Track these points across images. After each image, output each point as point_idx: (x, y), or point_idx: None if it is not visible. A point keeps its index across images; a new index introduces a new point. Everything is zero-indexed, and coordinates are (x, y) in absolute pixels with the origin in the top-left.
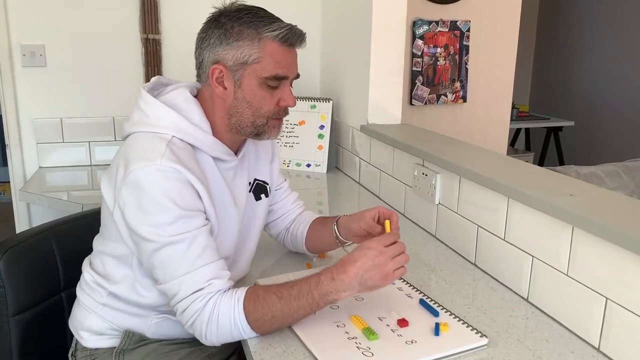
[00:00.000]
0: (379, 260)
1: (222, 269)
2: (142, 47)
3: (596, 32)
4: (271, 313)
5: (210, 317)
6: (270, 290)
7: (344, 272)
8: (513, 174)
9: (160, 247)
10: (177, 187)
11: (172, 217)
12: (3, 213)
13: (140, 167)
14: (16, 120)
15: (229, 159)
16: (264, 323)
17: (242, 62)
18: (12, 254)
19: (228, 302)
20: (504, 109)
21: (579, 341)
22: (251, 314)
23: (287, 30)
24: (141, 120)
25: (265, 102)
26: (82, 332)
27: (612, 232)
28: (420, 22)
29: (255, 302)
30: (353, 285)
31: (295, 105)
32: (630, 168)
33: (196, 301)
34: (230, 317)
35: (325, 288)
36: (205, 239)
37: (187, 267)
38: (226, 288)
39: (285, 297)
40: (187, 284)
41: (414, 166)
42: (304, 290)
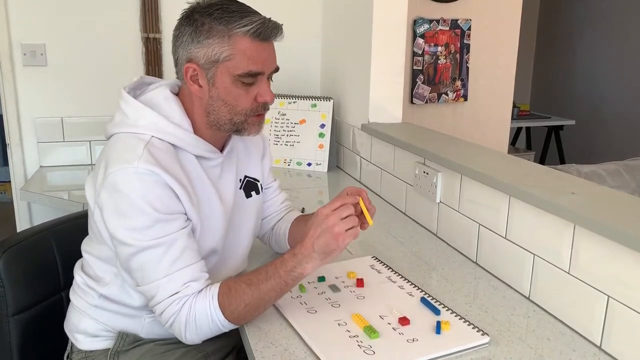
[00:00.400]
0: (326, 224)
1: (200, 271)
2: (142, 46)
3: (597, 30)
4: (243, 302)
5: (187, 319)
6: (240, 280)
7: (301, 245)
8: (514, 173)
9: (137, 252)
10: (155, 190)
11: (149, 221)
12: (4, 212)
13: (117, 169)
14: (17, 120)
15: (212, 156)
16: (239, 313)
17: (214, 60)
18: (12, 253)
19: (203, 302)
20: (504, 107)
21: (580, 339)
22: (226, 308)
23: (258, 24)
24: (122, 121)
25: (240, 99)
26: (77, 334)
27: (614, 230)
28: (421, 20)
29: (229, 296)
30: (312, 256)
31: (273, 101)
32: (631, 167)
33: (173, 304)
34: (207, 315)
35: (289, 264)
36: (184, 241)
37: (164, 271)
38: (202, 288)
39: (254, 283)
40: (164, 288)
41: (415, 165)
42: (270, 271)
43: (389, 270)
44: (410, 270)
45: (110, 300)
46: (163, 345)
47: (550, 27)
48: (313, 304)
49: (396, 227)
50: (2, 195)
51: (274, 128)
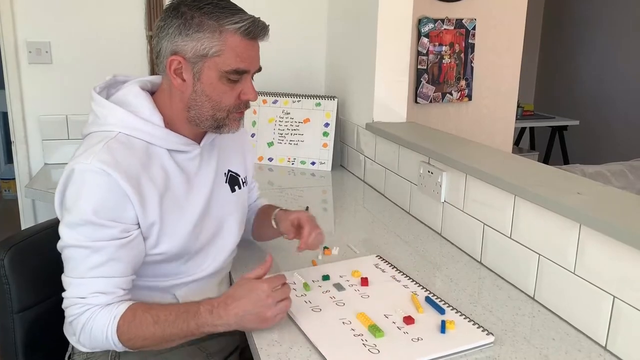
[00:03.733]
0: (262, 304)
1: (115, 287)
2: (147, 45)
3: (601, 31)
4: (144, 335)
5: (84, 326)
6: (149, 312)
7: (225, 307)
8: (519, 172)
9: (65, 246)
10: (101, 192)
11: (82, 220)
12: (8, 209)
13: (74, 162)
14: (22, 117)
15: (187, 149)
16: (136, 343)
17: (202, 55)
18: (17, 250)
19: (104, 318)
20: (509, 107)
21: (586, 340)
22: (124, 334)
23: (249, 23)
24: (93, 121)
25: (225, 96)
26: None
27: (620, 230)
28: (425, 20)
29: (130, 324)
30: (230, 323)
31: (256, 99)
32: (636, 167)
33: (76, 306)
34: (103, 332)
35: (202, 319)
36: (111, 252)
37: (79, 273)
38: (108, 303)
39: (162, 322)
40: (74, 288)
41: (420, 164)
42: (182, 318)
43: (394, 270)
44: (415, 269)
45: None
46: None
47: (554, 27)
48: (318, 302)
49: (401, 226)
50: (7, 193)
51: (278, 127)
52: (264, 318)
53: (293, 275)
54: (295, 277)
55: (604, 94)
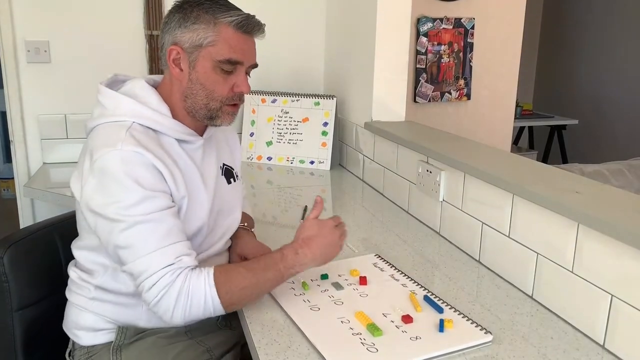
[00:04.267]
0: (333, 237)
1: (189, 248)
2: (146, 44)
3: (600, 30)
4: (241, 284)
5: (180, 291)
6: (238, 265)
7: (308, 246)
8: (518, 171)
9: (127, 227)
10: (139, 169)
11: (137, 198)
12: (7, 209)
13: (103, 154)
14: (20, 116)
15: (192, 139)
16: (234, 295)
17: (198, 45)
18: (16, 249)
19: (198, 277)
20: (508, 106)
21: (584, 338)
22: (222, 285)
23: (243, 17)
24: (101, 113)
25: (218, 85)
26: (77, 331)
27: (618, 229)
28: (424, 19)
29: (226, 275)
30: (315, 258)
31: (249, 92)
32: (634, 166)
33: (166, 276)
34: (202, 289)
35: (289, 261)
36: (172, 220)
37: (155, 245)
38: (194, 265)
39: (253, 269)
40: (157, 260)
41: (419, 163)
42: (270, 263)
43: (392, 269)
44: (413, 268)
45: (106, 291)
46: (166, 338)
47: (553, 26)
48: (316, 301)
49: (399, 225)
50: (6, 192)
51: (276, 126)
52: (341, 246)
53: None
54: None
55: (602, 93)
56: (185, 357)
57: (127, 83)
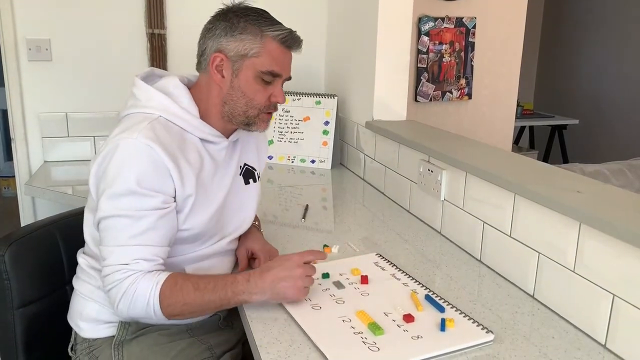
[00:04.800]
0: (294, 274)
1: (155, 255)
2: (147, 42)
3: (601, 29)
4: (184, 300)
5: (126, 291)
6: (189, 279)
7: (260, 276)
8: (519, 171)
9: (107, 216)
10: (144, 164)
11: (126, 191)
12: (8, 207)
13: (119, 138)
14: (21, 115)
15: (217, 140)
16: (175, 309)
17: (243, 54)
18: (18, 246)
19: (147, 283)
20: (509, 106)
21: (585, 338)
22: (166, 298)
23: (287, 33)
24: (133, 104)
25: (258, 94)
26: (81, 322)
27: (619, 228)
28: (426, 18)
29: (172, 289)
30: (265, 291)
31: (284, 102)
32: (635, 166)
33: (119, 272)
34: (146, 296)
35: (239, 287)
36: (152, 222)
37: (122, 241)
38: (150, 270)
39: (201, 289)
40: (116, 255)
41: (420, 162)
42: (220, 285)
43: (393, 268)
44: (415, 267)
45: None
46: (167, 335)
47: (554, 26)
48: (317, 300)
49: (400, 224)
50: (7, 190)
51: (278, 125)
52: (298, 287)
53: None
54: None
55: (603, 93)
56: (187, 355)
57: (162, 79)
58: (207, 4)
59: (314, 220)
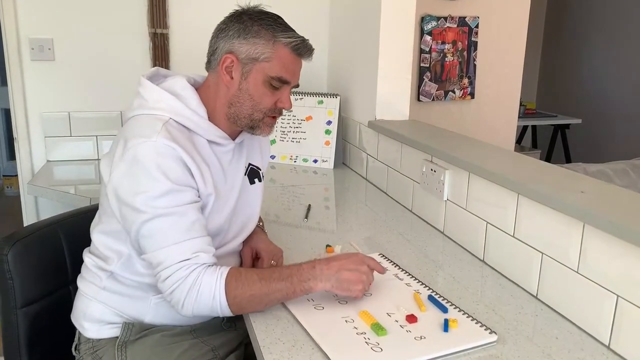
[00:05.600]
0: (360, 269)
1: (208, 245)
2: (150, 42)
3: (604, 29)
4: (250, 291)
5: (192, 286)
6: (252, 270)
7: (326, 264)
8: (523, 171)
9: (150, 218)
10: (170, 162)
11: (163, 190)
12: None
13: (137, 143)
14: (24, 114)
15: (224, 142)
16: (242, 300)
17: (254, 58)
18: (21, 246)
19: (211, 276)
20: (511, 106)
21: (589, 339)
22: (232, 290)
23: (300, 40)
24: (140, 105)
25: (265, 98)
26: (85, 322)
27: (623, 229)
28: (428, 18)
29: (237, 280)
30: (330, 278)
31: (291, 108)
32: (638, 166)
33: (181, 270)
34: (212, 289)
35: (304, 274)
36: (194, 215)
37: (175, 238)
38: (211, 263)
39: (266, 278)
40: (174, 253)
41: (423, 162)
42: (285, 273)
43: (396, 268)
44: (417, 268)
45: (118, 281)
46: (171, 336)
47: (557, 25)
48: (320, 300)
49: (403, 224)
50: (9, 190)
51: (280, 125)
52: (360, 280)
53: None
54: None
55: (606, 92)
56: (190, 356)
57: (168, 79)
58: (210, 3)
59: (317, 220)
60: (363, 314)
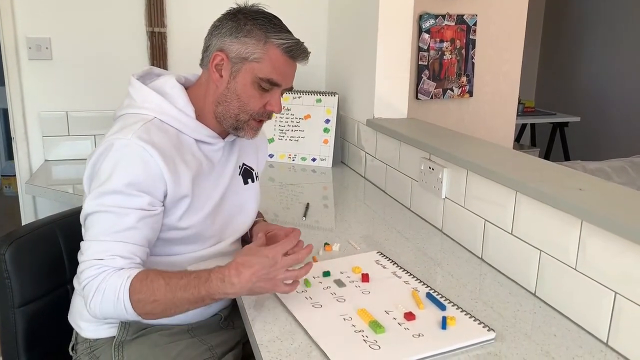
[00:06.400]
0: (273, 270)
1: (132, 254)
2: (147, 41)
3: (602, 27)
4: (154, 296)
5: (97, 287)
6: (162, 275)
7: (237, 274)
8: (521, 168)
9: (90, 213)
10: (136, 164)
11: (114, 190)
12: (9, 206)
13: (113, 138)
14: (22, 114)
15: (213, 141)
16: (146, 305)
17: (244, 57)
18: (18, 245)
19: (118, 278)
20: (510, 104)
21: (587, 336)
22: (135, 293)
23: (293, 42)
24: (129, 104)
25: (252, 100)
26: (82, 322)
27: (621, 226)
28: (426, 16)
29: (142, 283)
30: (241, 290)
31: (280, 112)
32: (637, 164)
33: (92, 268)
34: (116, 291)
35: (213, 288)
36: (134, 221)
37: (101, 236)
38: (125, 267)
39: (172, 285)
40: (93, 250)
41: (421, 160)
42: (192, 283)
43: (394, 266)
44: (416, 265)
45: None
46: (168, 335)
47: (555, 23)
48: (318, 298)
49: (401, 222)
50: (8, 189)
51: (278, 123)
52: (275, 281)
53: None
54: None
55: (604, 90)
56: (187, 355)
57: (159, 78)
58: (208, 2)
59: (315, 219)
60: (361, 312)
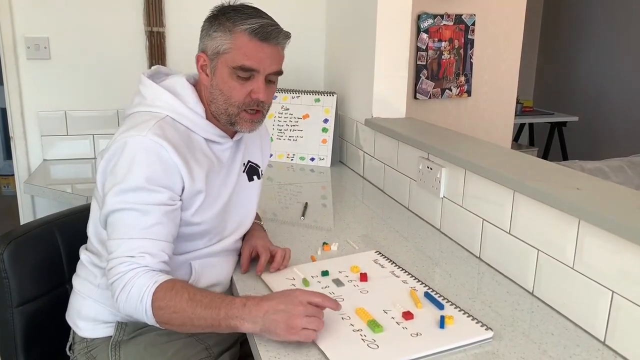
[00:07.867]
0: (292, 310)
1: (162, 250)
2: (146, 40)
3: (601, 27)
4: (175, 308)
5: (125, 284)
6: (188, 289)
7: (257, 304)
8: (519, 168)
9: (115, 210)
10: (153, 160)
11: (134, 186)
12: (8, 206)
13: (127, 135)
14: (20, 113)
15: (222, 141)
16: (165, 314)
17: (216, 52)
18: (17, 245)
19: (145, 280)
20: (508, 103)
21: (584, 334)
22: (158, 300)
23: (257, 25)
24: (140, 102)
25: (234, 91)
26: (79, 321)
27: (619, 225)
28: (425, 15)
29: (167, 292)
30: (257, 320)
31: (265, 98)
32: (635, 163)
33: (124, 264)
34: (141, 293)
35: (233, 311)
36: (158, 217)
37: (130, 234)
38: (154, 267)
39: (196, 301)
40: (124, 247)
41: (419, 160)
42: (216, 303)
43: (393, 265)
44: (414, 265)
45: None
46: (165, 335)
47: (554, 22)
48: None
49: (399, 222)
50: (6, 189)
51: (277, 123)
52: (292, 324)
53: (292, 271)
54: (295, 272)
55: (603, 90)
56: (184, 355)
57: (169, 77)
58: (206, 2)
59: (314, 218)
60: (359, 311)
